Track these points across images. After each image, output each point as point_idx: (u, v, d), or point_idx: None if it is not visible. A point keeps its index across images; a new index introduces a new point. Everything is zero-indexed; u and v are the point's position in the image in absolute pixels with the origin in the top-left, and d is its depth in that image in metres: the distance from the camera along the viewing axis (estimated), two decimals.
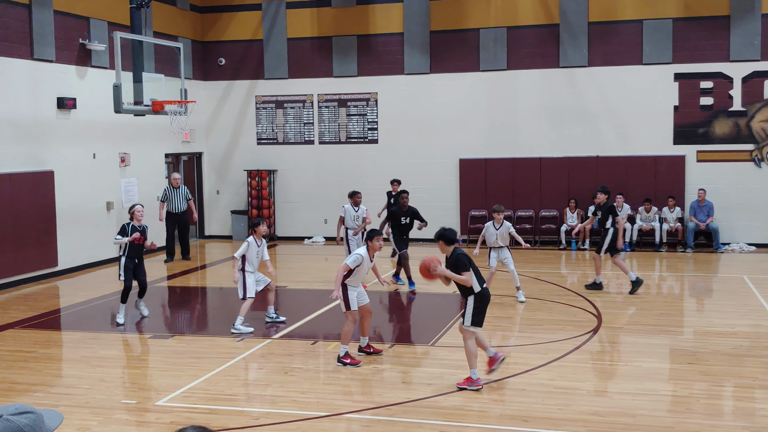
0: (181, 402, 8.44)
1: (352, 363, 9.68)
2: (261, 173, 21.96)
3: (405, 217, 14.94)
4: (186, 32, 21.48)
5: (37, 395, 8.78)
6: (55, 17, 16.46)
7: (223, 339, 11.30)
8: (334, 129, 21.81)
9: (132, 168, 18.92)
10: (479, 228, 19.85)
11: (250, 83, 22.30)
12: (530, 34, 20.36)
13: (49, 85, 16.33)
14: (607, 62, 19.97)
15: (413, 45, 20.97)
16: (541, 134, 20.42)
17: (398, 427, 7.62)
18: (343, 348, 9.79)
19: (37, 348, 10.88)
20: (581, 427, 7.51)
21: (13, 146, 15.45)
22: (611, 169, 19.99)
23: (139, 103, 14.24)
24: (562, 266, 17.67)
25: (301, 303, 14.03)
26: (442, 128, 20.94)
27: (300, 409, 8.13)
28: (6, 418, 2.29)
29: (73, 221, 16.96)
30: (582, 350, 10.23)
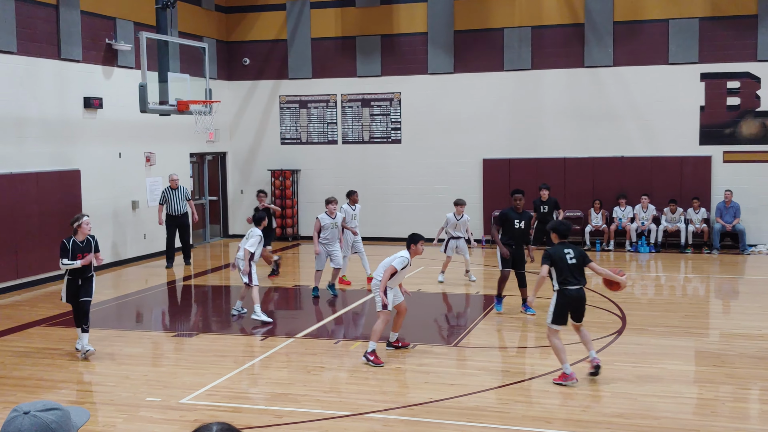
0: (204, 400, 8.49)
1: (375, 362, 9.71)
2: (284, 173, 22.04)
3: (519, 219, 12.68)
4: (211, 32, 21.61)
5: (63, 392, 8.88)
6: (82, 17, 16.62)
7: (246, 337, 11.35)
8: (357, 129, 21.84)
9: (157, 167, 19.07)
10: None
11: (274, 83, 22.39)
12: (555, 33, 20.27)
13: (75, 85, 16.50)
14: (632, 62, 19.83)
15: (437, 44, 20.95)
16: (566, 134, 20.32)
17: (420, 427, 7.62)
18: (371, 344, 9.86)
19: (63, 345, 10.99)
20: (604, 429, 7.46)
21: (41, 145, 15.63)
22: (636, 170, 19.85)
23: (164, 103, 14.35)
24: None
25: (324, 303, 14.06)
26: (465, 128, 20.90)
27: (323, 408, 8.16)
28: (33, 414, 2.32)
29: (98, 220, 17.09)
30: (606, 352, 10.16)
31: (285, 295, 15.16)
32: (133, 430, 7.69)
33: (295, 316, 13.69)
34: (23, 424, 2.29)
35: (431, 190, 21.16)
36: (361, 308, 13.26)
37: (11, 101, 14.86)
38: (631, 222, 19.49)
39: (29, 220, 15.16)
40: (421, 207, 21.17)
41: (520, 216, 12.43)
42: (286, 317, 13.46)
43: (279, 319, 13.23)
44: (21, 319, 12.63)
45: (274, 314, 13.00)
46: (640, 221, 19.42)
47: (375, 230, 20.98)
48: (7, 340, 11.27)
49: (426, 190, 21.18)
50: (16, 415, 2.32)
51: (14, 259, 14.79)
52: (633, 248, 19.27)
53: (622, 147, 20.01)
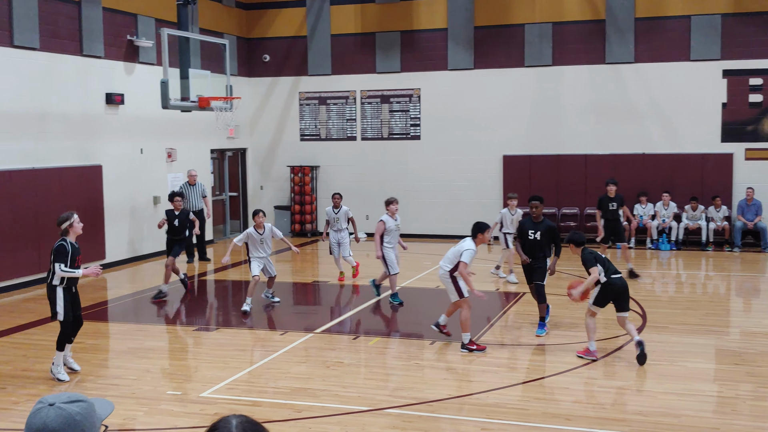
0: (224, 394, 8.55)
1: (478, 348, 10.03)
2: (304, 169, 22.10)
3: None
4: (231, 29, 21.69)
5: (85, 385, 8.97)
6: (104, 14, 16.74)
7: (266, 332, 11.41)
8: (376, 125, 21.85)
9: (178, 163, 19.18)
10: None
11: (293, 79, 22.44)
12: (576, 29, 20.17)
13: (97, 81, 16.62)
14: (654, 58, 19.70)
15: (457, 40, 20.91)
16: (587, 131, 20.23)
17: (440, 423, 7.63)
18: (466, 336, 10.10)
19: (85, 339, 11.08)
20: (625, 426, 7.44)
21: (63, 141, 15.76)
22: (657, 167, 19.72)
23: (185, 99, 14.42)
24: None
25: (343, 298, 14.09)
26: (485, 124, 20.85)
27: (342, 403, 8.18)
28: (58, 406, 2.34)
29: (120, 215, 17.26)
30: (626, 349, 10.12)
31: (304, 290, 15.21)
32: (153, 423, 7.75)
33: (314, 311, 13.73)
34: (48, 415, 2.32)
35: (451, 187, 21.14)
36: (380, 304, 13.27)
37: (34, 97, 15.00)
38: (652, 219, 19.38)
39: (51, 215, 15.26)
40: (440, 204, 21.16)
41: (535, 226, 11.15)
42: (305, 312, 13.51)
43: (298, 314, 13.29)
44: (43, 312, 12.72)
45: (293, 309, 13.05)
46: (661, 219, 19.31)
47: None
48: (29, 334, 11.39)
49: (445, 186, 21.16)
50: (41, 407, 2.34)
51: (36, 254, 14.93)
52: (654, 246, 19.17)
53: (643, 144, 19.89)
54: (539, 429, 7.42)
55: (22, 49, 14.70)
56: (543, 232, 11.05)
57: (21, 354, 10.23)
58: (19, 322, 12.00)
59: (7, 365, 9.76)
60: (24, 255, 14.66)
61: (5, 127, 14.39)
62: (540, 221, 11.21)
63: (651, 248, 19.08)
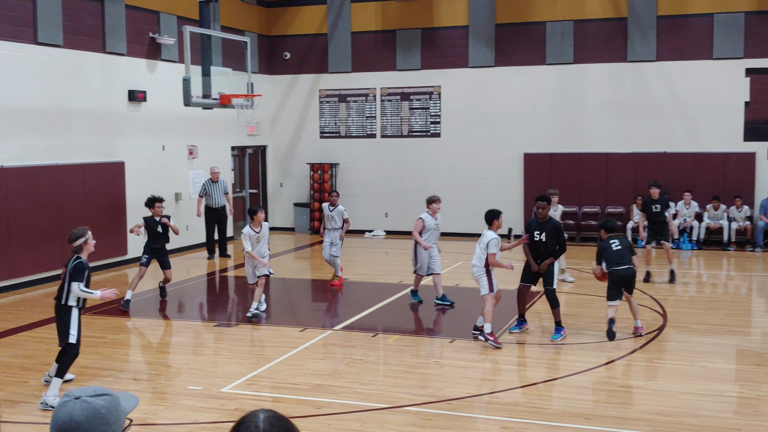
0: (245, 389, 8.60)
1: (495, 342, 10.17)
2: (323, 166, 22.15)
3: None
4: (252, 26, 21.78)
5: (107, 380, 9.05)
6: (127, 11, 16.86)
7: (285, 328, 11.46)
8: (396, 123, 21.86)
9: (199, 160, 19.29)
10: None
11: (314, 77, 22.50)
12: (598, 27, 20.07)
13: (120, 78, 16.75)
14: (676, 57, 19.56)
15: (478, 38, 20.87)
16: (608, 129, 20.13)
17: (459, 421, 7.63)
18: (488, 326, 10.29)
19: (106, 334, 11.19)
20: (645, 426, 7.41)
21: (86, 137, 15.90)
22: (679, 166, 19.59)
23: (207, 97, 14.49)
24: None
25: (362, 296, 14.12)
26: (506, 122, 20.79)
27: (361, 400, 8.21)
28: (84, 399, 2.37)
29: (142, 212, 17.33)
30: (646, 349, 10.08)
31: (322, 287, 15.25)
32: (174, 418, 7.82)
33: (333, 308, 13.76)
34: (74, 408, 2.35)
35: (471, 185, 21.10)
36: (399, 302, 13.29)
37: (58, 94, 15.13)
38: (673, 218, 19.24)
39: (74, 210, 15.44)
40: (460, 202, 21.13)
41: (540, 227, 10.78)
42: (324, 309, 13.55)
43: (317, 311, 13.33)
44: None
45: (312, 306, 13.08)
46: (683, 218, 19.17)
47: (413, 224, 20.91)
48: (52, 329, 11.45)
49: (465, 184, 21.12)
50: (67, 400, 2.37)
51: (59, 249, 15.06)
52: (675, 245, 19.03)
53: (664, 143, 19.77)
54: (559, 428, 7.41)
55: (46, 46, 14.84)
56: (548, 233, 10.73)
57: (44, 348, 10.34)
58: (42, 316, 12.13)
59: (30, 359, 9.88)
60: (47, 250, 14.80)
61: (30, 124, 14.53)
62: (546, 221, 10.84)
63: (672, 248, 18.90)
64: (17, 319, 12.01)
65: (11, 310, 12.69)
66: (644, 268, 14.91)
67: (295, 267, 18.06)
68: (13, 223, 14.08)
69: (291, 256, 18.91)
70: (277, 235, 22.23)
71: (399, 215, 21.68)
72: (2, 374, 9.15)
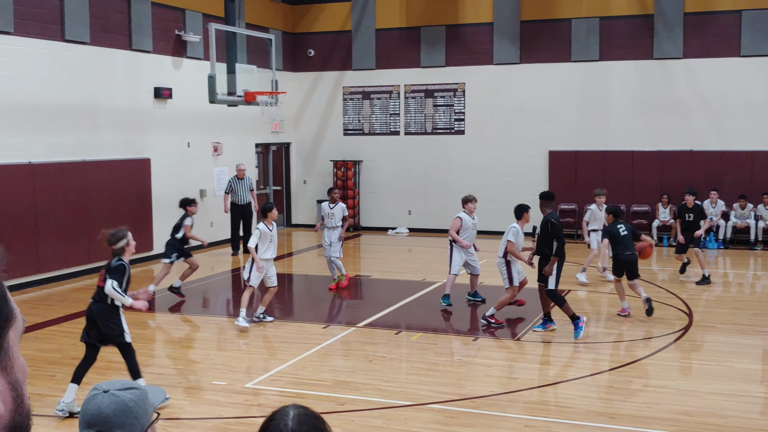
0: (269, 385, 8.64)
1: (496, 322, 11.04)
2: (347, 163, 22.18)
3: None
4: (277, 24, 21.84)
5: None
6: (153, 9, 16.98)
7: (309, 325, 11.49)
8: (420, 120, 21.84)
9: (224, 157, 19.39)
10: (568, 222, 19.60)
11: (337, 74, 22.53)
12: (623, 24, 19.92)
13: (146, 75, 16.87)
14: (703, 54, 19.36)
15: (503, 35, 20.78)
16: (634, 127, 19.97)
17: (482, 419, 7.62)
18: (492, 309, 11.15)
19: (132, 329, 11.24)
20: (670, 426, 7.35)
21: (113, 134, 16.04)
22: (705, 164, 19.40)
23: (232, 94, 14.55)
24: (654, 262, 17.24)
25: (385, 293, 14.12)
26: (531, 119, 20.70)
27: (384, 397, 8.22)
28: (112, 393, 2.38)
29: (167, 208, 17.48)
30: (672, 348, 10.00)
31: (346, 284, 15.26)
32: (199, 412, 7.88)
33: (356, 305, 13.79)
34: (103, 402, 2.37)
35: (495, 182, 21.03)
36: (422, 299, 13.28)
37: (85, 91, 15.27)
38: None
39: (101, 206, 15.58)
40: (483, 199, 20.95)
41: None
42: (347, 306, 13.58)
43: (340, 308, 13.35)
44: None
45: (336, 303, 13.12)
46: (709, 217, 18.97)
47: (437, 222, 20.96)
48: (78, 323, 11.59)
49: (489, 182, 21.06)
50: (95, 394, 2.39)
51: (86, 244, 15.22)
52: (701, 244, 18.83)
53: (691, 141, 19.59)
54: (583, 427, 7.37)
55: (73, 43, 14.98)
56: (541, 228, 10.72)
57: (70, 343, 10.45)
58: (69, 311, 12.26)
59: (57, 353, 9.99)
60: (74, 246, 14.95)
61: (57, 120, 14.68)
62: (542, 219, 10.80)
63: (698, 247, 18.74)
64: (44, 313, 12.15)
65: (38, 305, 12.83)
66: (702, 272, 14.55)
67: (318, 264, 18.09)
68: (41, 218, 14.23)
69: (314, 253, 18.95)
70: (300, 232, 22.30)
71: (422, 213, 21.67)
72: (30, 368, 9.19)
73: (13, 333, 1.31)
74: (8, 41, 13.60)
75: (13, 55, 13.71)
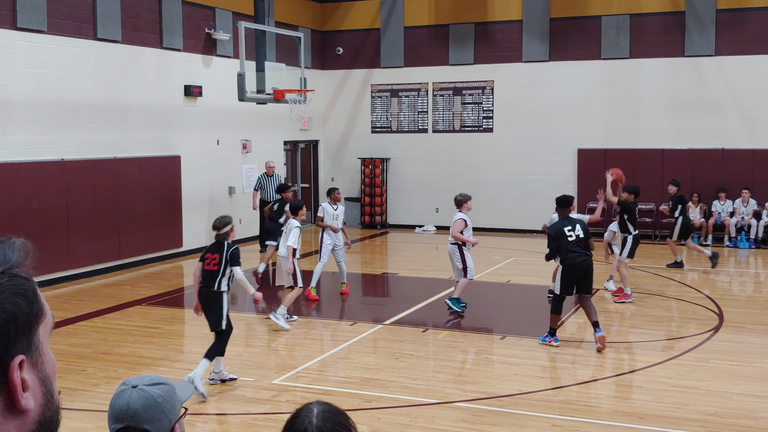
0: (296, 381, 8.69)
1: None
2: (374, 161, 22.20)
3: None
4: (306, 22, 21.91)
5: (162, 369, 9.22)
6: (183, 7, 17.11)
7: (336, 322, 11.53)
8: (448, 117, 21.79)
9: (253, 155, 19.50)
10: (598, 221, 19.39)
11: (366, 72, 22.55)
12: (654, 21, 19.72)
13: (176, 74, 17.01)
14: (735, 51, 19.11)
15: (532, 32, 20.68)
16: (664, 125, 19.77)
17: (509, 418, 7.60)
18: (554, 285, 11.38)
19: (162, 324, 11.40)
20: (699, 427, 7.28)
21: (143, 131, 16.20)
22: (737, 163, 19.15)
23: (261, 92, 14.63)
24: (684, 262, 17.07)
25: (412, 291, 14.12)
26: (560, 117, 20.57)
27: (410, 395, 8.23)
28: (141, 388, 2.41)
29: (197, 205, 17.64)
30: (702, 349, 9.89)
31: (373, 282, 15.31)
32: (226, 408, 7.94)
33: (383, 303, 13.81)
34: (131, 397, 2.40)
35: (523, 180, 20.94)
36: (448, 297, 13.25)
37: (116, 88, 15.44)
38: (730, 216, 18.84)
39: (131, 203, 15.75)
40: (512, 197, 20.99)
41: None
42: (374, 304, 13.60)
43: (367, 305, 13.38)
44: (122, 298, 13.16)
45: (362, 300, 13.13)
46: (740, 216, 18.75)
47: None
48: (109, 318, 11.77)
49: (517, 180, 20.97)
50: (124, 389, 2.42)
51: (117, 241, 15.40)
52: (732, 243, 18.64)
53: (722, 139, 19.34)
54: (611, 427, 7.32)
55: (105, 41, 15.15)
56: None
57: (101, 338, 10.58)
58: (99, 306, 12.41)
59: (87, 348, 10.11)
60: (105, 242, 15.12)
61: (89, 118, 14.86)
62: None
63: (729, 246, 18.56)
64: (76, 308, 12.31)
65: (70, 300, 13.01)
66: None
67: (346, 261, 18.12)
68: (72, 215, 14.41)
69: None
70: None
71: (450, 211, 21.54)
72: (61, 363, 9.38)
73: (43, 329, 1.34)
74: (42, 40, 13.79)
75: (47, 54, 13.90)
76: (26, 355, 1.30)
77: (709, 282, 14.41)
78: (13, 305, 1.28)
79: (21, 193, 13.29)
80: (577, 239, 9.86)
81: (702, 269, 15.74)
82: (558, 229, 9.98)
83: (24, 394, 1.29)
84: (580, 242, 9.88)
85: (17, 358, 1.28)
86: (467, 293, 12.32)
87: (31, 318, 1.31)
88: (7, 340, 1.26)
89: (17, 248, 1.35)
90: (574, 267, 9.84)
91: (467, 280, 11.86)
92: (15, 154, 13.33)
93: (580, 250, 9.85)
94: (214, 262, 8.45)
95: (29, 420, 1.31)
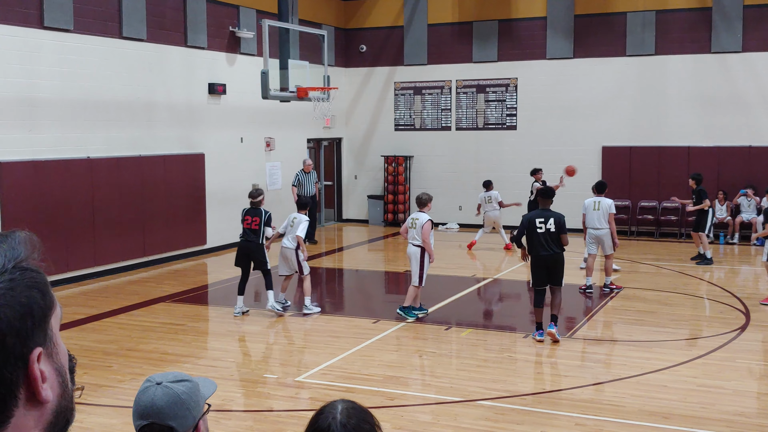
0: (319, 379, 8.70)
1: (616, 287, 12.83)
2: (398, 159, 22.19)
3: None
4: (329, 20, 21.94)
5: (186, 366, 9.28)
6: (207, 6, 17.20)
7: (358, 319, 11.54)
8: (471, 115, 21.73)
9: (276, 152, 19.57)
10: (623, 218, 19.29)
11: (389, 69, 22.53)
12: (680, 17, 19.52)
13: (201, 72, 17.11)
14: (763, 47, 18.87)
15: (556, 29, 20.56)
16: (690, 122, 19.58)
17: (532, 417, 7.57)
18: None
19: (186, 321, 11.47)
20: (725, 427, 7.21)
21: (168, 129, 16.30)
22: (765, 160, 18.92)
23: (284, 90, 14.66)
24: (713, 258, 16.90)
25: (436, 289, 14.09)
26: (584, 115, 20.44)
27: (433, 392, 8.22)
28: (165, 385, 2.43)
29: (221, 202, 17.73)
30: (728, 348, 9.79)
31: (396, 279, 15.31)
32: (250, 405, 7.98)
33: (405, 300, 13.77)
34: (156, 394, 2.41)
35: (547, 178, 20.78)
36: (472, 295, 13.23)
37: (142, 86, 15.55)
38: (757, 215, 18.61)
39: (156, 200, 15.86)
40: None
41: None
42: (396, 302, 13.59)
43: (390, 303, 13.37)
44: (147, 295, 13.25)
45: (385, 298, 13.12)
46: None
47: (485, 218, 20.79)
48: (134, 315, 11.86)
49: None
50: (149, 386, 2.44)
51: (141, 238, 15.52)
52: (759, 242, 18.38)
53: (749, 136, 19.12)
54: (635, 426, 7.27)
55: (131, 40, 15.26)
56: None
57: (126, 334, 10.67)
58: (124, 303, 12.52)
59: (113, 344, 10.20)
60: (130, 239, 15.24)
61: (115, 116, 14.98)
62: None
63: (756, 245, 18.29)
64: (101, 305, 12.42)
65: (96, 297, 13.13)
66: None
67: (369, 259, 18.17)
68: (98, 212, 14.54)
69: (364, 248, 19.02)
70: (351, 227, 22.39)
71: (473, 208, 21.54)
72: (86, 359, 9.47)
73: (54, 320, 1.36)
74: (68, 38, 13.92)
75: (73, 52, 14.03)
76: (43, 346, 1.31)
77: (736, 281, 14.24)
78: (29, 298, 1.29)
79: (48, 191, 13.43)
80: (546, 232, 9.94)
81: (728, 267, 15.57)
82: (530, 218, 10.17)
83: (43, 385, 1.30)
84: (549, 236, 9.92)
85: (36, 351, 1.29)
86: (501, 293, 12.32)
87: (45, 310, 1.32)
88: (25, 333, 1.28)
89: (23, 241, 1.36)
90: (539, 260, 10.04)
91: (417, 287, 11.37)
92: (42, 152, 13.47)
93: (547, 244, 9.92)
94: (255, 223, 11.32)
95: (47, 410, 1.32)
